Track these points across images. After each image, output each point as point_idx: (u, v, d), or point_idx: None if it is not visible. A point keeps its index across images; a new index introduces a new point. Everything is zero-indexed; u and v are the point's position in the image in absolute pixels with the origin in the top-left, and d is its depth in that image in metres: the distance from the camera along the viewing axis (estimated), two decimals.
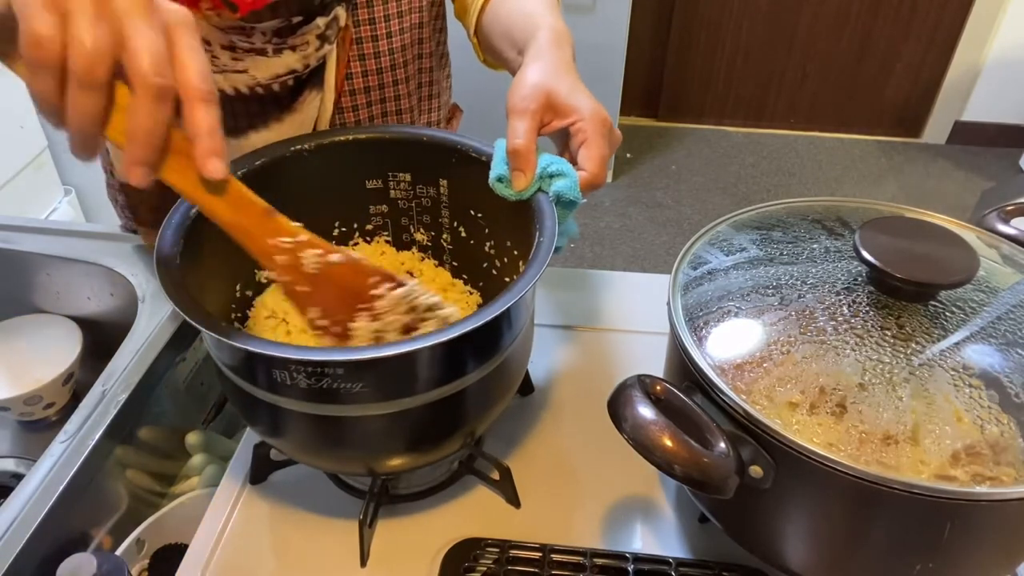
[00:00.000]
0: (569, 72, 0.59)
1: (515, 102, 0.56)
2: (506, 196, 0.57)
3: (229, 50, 0.65)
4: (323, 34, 0.67)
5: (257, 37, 0.64)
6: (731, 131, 3.06)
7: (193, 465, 0.71)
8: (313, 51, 0.67)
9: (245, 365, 0.50)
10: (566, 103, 0.56)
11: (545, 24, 0.63)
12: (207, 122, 0.40)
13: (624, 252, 2.44)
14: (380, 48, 0.73)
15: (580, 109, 0.56)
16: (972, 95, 2.85)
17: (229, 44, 0.64)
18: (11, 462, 0.79)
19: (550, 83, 0.57)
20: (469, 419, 0.54)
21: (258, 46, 0.65)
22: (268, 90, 0.68)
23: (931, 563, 0.44)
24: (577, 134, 0.56)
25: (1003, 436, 0.41)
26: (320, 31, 0.66)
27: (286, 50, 0.66)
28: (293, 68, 0.67)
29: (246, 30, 0.64)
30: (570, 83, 0.57)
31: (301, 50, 0.67)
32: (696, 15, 2.83)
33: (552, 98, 0.56)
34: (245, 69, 0.66)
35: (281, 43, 0.66)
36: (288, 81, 0.68)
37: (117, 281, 0.79)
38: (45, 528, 0.55)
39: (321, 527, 0.60)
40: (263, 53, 0.65)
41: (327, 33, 0.67)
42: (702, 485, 0.42)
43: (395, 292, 0.50)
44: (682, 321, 0.50)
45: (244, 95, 0.68)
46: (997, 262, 0.53)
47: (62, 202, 2.00)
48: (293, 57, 0.67)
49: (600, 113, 0.56)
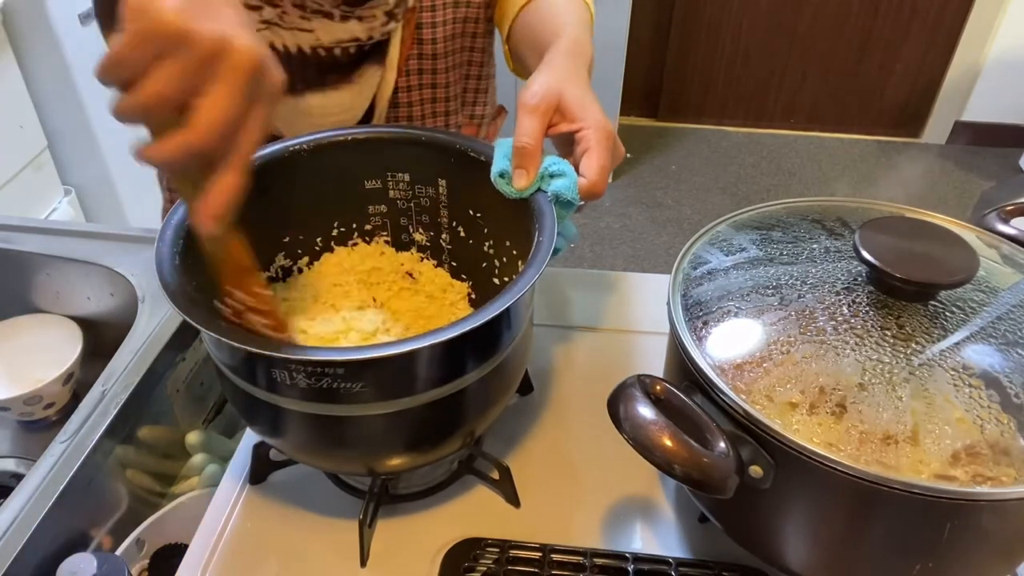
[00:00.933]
0: (581, 81, 0.59)
1: (526, 100, 0.57)
2: (506, 193, 0.57)
3: (299, 8, 0.67)
4: (391, 11, 0.69)
5: (328, 1, 0.67)
6: (731, 131, 3.06)
7: (193, 465, 0.71)
8: (379, 24, 0.70)
9: (245, 365, 0.50)
10: (575, 109, 0.57)
11: (568, 34, 0.64)
12: (230, 185, 0.42)
13: (624, 252, 2.44)
14: (436, 35, 0.75)
15: (588, 118, 0.57)
16: (972, 95, 2.85)
17: (300, 3, 0.67)
18: (11, 462, 0.79)
19: (562, 87, 0.57)
20: (469, 419, 0.54)
21: (327, 9, 0.67)
22: (330, 54, 0.70)
23: (931, 563, 0.44)
24: (581, 141, 0.57)
25: (1003, 436, 0.41)
26: (388, 7, 0.69)
27: (353, 19, 0.68)
28: (357, 36, 0.70)
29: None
30: (581, 92, 0.58)
31: (367, 21, 0.69)
32: (696, 15, 2.83)
33: (562, 102, 0.57)
34: (312, 29, 0.68)
35: (349, 11, 0.68)
36: (350, 49, 0.71)
37: (117, 281, 0.79)
38: (45, 528, 0.55)
39: (321, 527, 0.60)
40: (330, 17, 0.68)
41: (395, 11, 0.70)
42: (702, 485, 0.42)
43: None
44: (682, 321, 0.50)
45: (306, 55, 0.70)
46: (997, 262, 0.53)
47: (62, 202, 2.00)
48: (359, 26, 0.69)
49: (607, 126, 0.57)
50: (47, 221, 1.62)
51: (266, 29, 0.69)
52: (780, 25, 2.82)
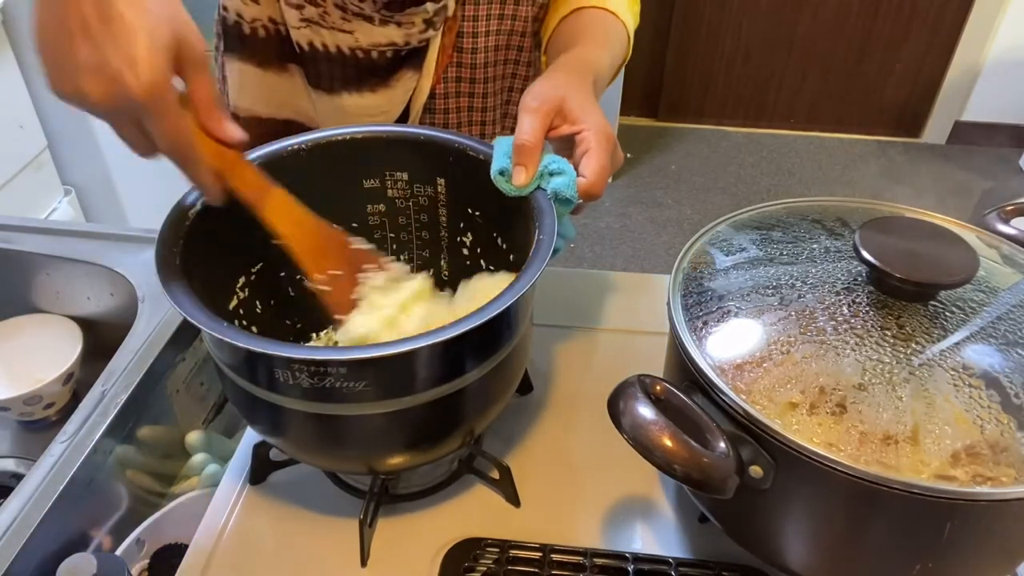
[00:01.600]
0: (584, 89, 0.60)
1: (528, 100, 0.57)
2: (505, 191, 0.57)
3: (340, 9, 0.68)
4: (430, 19, 0.70)
5: (368, 4, 0.68)
6: (731, 131, 3.05)
7: (193, 465, 0.71)
8: (417, 31, 0.70)
9: (246, 365, 0.50)
10: (577, 112, 0.57)
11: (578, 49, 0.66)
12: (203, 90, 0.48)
13: (624, 252, 2.44)
14: (477, 44, 0.75)
15: (588, 120, 0.57)
16: (972, 95, 2.85)
17: (341, 4, 0.68)
18: (11, 462, 0.79)
19: (566, 91, 0.58)
20: (469, 418, 0.54)
21: (367, 12, 0.68)
22: (367, 56, 0.71)
23: (931, 563, 0.44)
24: (581, 143, 0.57)
25: (1003, 436, 0.41)
26: (428, 16, 0.69)
27: (391, 24, 0.69)
28: (394, 41, 0.71)
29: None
30: (583, 96, 0.59)
31: (406, 27, 0.70)
32: (696, 15, 2.83)
33: (565, 105, 0.58)
34: (351, 31, 0.70)
35: (389, 16, 0.69)
36: (387, 53, 0.71)
37: (117, 281, 0.79)
38: (45, 528, 0.55)
39: (321, 527, 0.60)
40: (370, 20, 0.69)
41: (434, 19, 0.70)
42: (702, 485, 0.42)
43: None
44: (682, 321, 0.50)
45: (344, 55, 0.71)
46: (997, 262, 0.53)
47: (62, 202, 2.00)
48: (397, 32, 0.70)
49: (607, 129, 0.58)
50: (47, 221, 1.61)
51: (306, 27, 0.70)
52: (780, 25, 2.82)
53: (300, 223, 0.56)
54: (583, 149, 0.57)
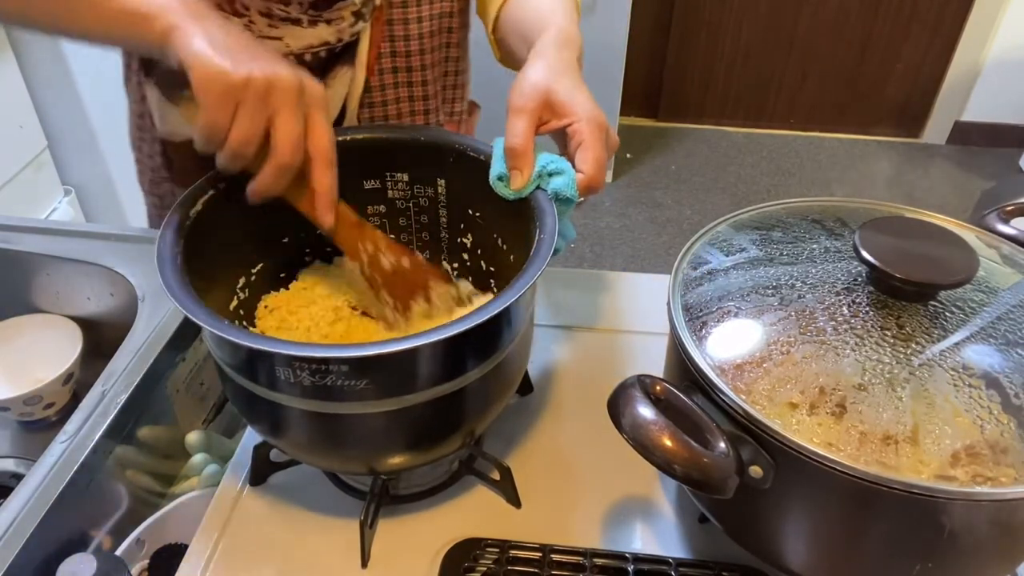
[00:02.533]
0: (570, 72, 0.59)
1: (514, 100, 0.57)
2: (505, 195, 0.57)
3: (266, 17, 0.67)
4: (359, 11, 0.69)
5: (294, 7, 0.66)
6: (731, 131, 3.05)
7: (193, 465, 0.71)
8: (347, 26, 0.69)
9: (247, 363, 0.50)
10: (564, 103, 0.56)
11: (554, 24, 0.63)
12: (327, 181, 0.54)
13: (624, 252, 2.44)
14: (410, 31, 0.74)
15: (577, 111, 0.56)
16: (972, 95, 2.84)
17: (267, 11, 0.66)
18: (11, 462, 0.79)
19: (550, 82, 0.57)
20: (469, 417, 0.54)
21: (294, 16, 0.67)
22: (300, 60, 0.69)
23: (931, 563, 0.44)
24: (574, 136, 0.56)
25: (1003, 436, 0.41)
26: (356, 8, 0.68)
27: (321, 23, 0.68)
28: (326, 40, 0.69)
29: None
30: (570, 84, 0.57)
31: (336, 24, 0.68)
32: (696, 15, 2.83)
33: (551, 97, 0.56)
34: (280, 37, 0.68)
35: (317, 15, 0.67)
36: (321, 53, 0.70)
37: (117, 281, 0.79)
38: (45, 528, 0.55)
39: (321, 527, 0.60)
40: (298, 23, 0.67)
41: (362, 10, 0.69)
42: (702, 485, 0.42)
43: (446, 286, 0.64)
44: (682, 321, 0.50)
45: None
46: (997, 262, 0.53)
47: (62, 202, 2.00)
48: (327, 30, 0.68)
49: (597, 116, 0.56)
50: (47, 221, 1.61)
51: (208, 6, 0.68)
52: (780, 25, 2.82)
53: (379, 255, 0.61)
54: (576, 142, 0.56)
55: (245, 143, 0.50)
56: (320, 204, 0.55)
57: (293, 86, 0.50)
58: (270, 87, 0.49)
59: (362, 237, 0.60)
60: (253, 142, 0.50)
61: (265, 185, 0.52)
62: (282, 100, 0.49)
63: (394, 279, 0.61)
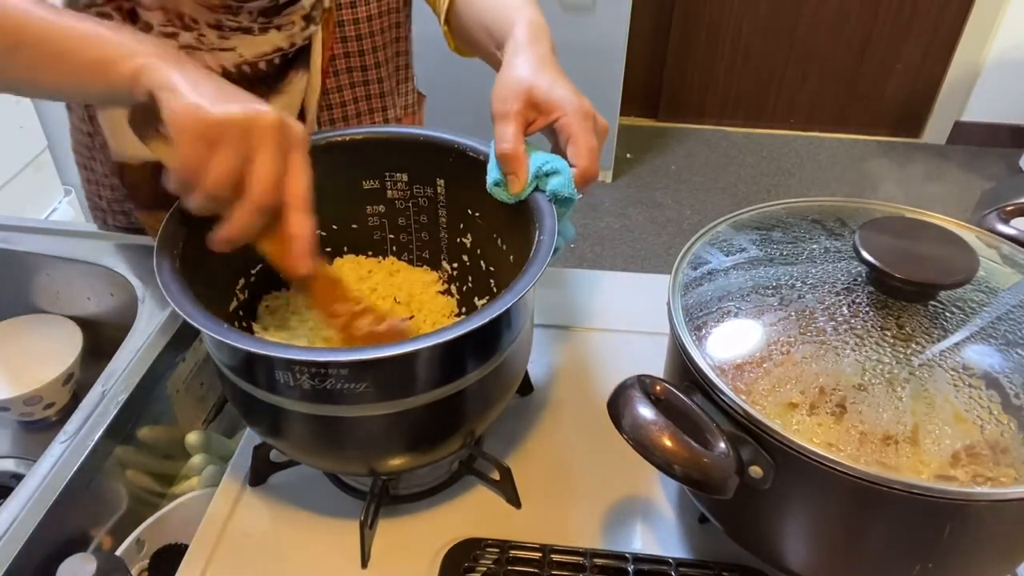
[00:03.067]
0: (548, 67, 0.58)
1: (497, 106, 0.56)
2: (504, 200, 0.57)
3: (216, 28, 0.65)
4: (308, 15, 0.68)
5: (244, 16, 0.65)
6: (731, 131, 3.05)
7: (193, 465, 0.71)
8: (299, 31, 0.68)
9: (246, 366, 0.50)
10: (547, 99, 0.56)
11: (521, 18, 0.63)
12: (301, 227, 0.50)
13: (624, 252, 2.44)
14: (361, 31, 0.74)
15: (562, 104, 0.56)
16: (972, 95, 2.84)
17: (216, 23, 0.65)
18: (11, 462, 0.79)
19: (530, 81, 0.57)
20: (469, 419, 0.54)
21: (244, 24, 0.66)
22: (255, 68, 0.68)
23: (931, 563, 0.44)
24: (562, 130, 0.56)
25: (1003, 436, 0.41)
26: (305, 12, 0.68)
27: (272, 29, 0.67)
28: (279, 46, 0.68)
29: (233, 9, 0.64)
30: (550, 78, 0.57)
31: (287, 29, 0.68)
32: (696, 15, 2.83)
33: (533, 96, 0.56)
34: (233, 47, 0.67)
35: (267, 23, 0.66)
36: (274, 60, 0.69)
37: (117, 281, 0.79)
38: (45, 528, 0.55)
39: (321, 528, 0.60)
40: (249, 32, 0.66)
41: (312, 14, 0.68)
42: (702, 485, 0.42)
43: None
44: (682, 321, 0.50)
45: (231, 74, 0.68)
46: (997, 262, 0.53)
47: (62, 202, 2.01)
48: (279, 36, 0.68)
49: (582, 105, 0.56)
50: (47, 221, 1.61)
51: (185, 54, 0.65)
52: (780, 25, 2.82)
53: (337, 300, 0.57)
54: (566, 136, 0.56)
55: (221, 184, 0.47)
56: (295, 250, 0.50)
57: (274, 124, 0.47)
58: (250, 124, 0.46)
59: (338, 297, 0.56)
60: (229, 183, 0.47)
61: (238, 229, 0.48)
62: (262, 138, 0.47)
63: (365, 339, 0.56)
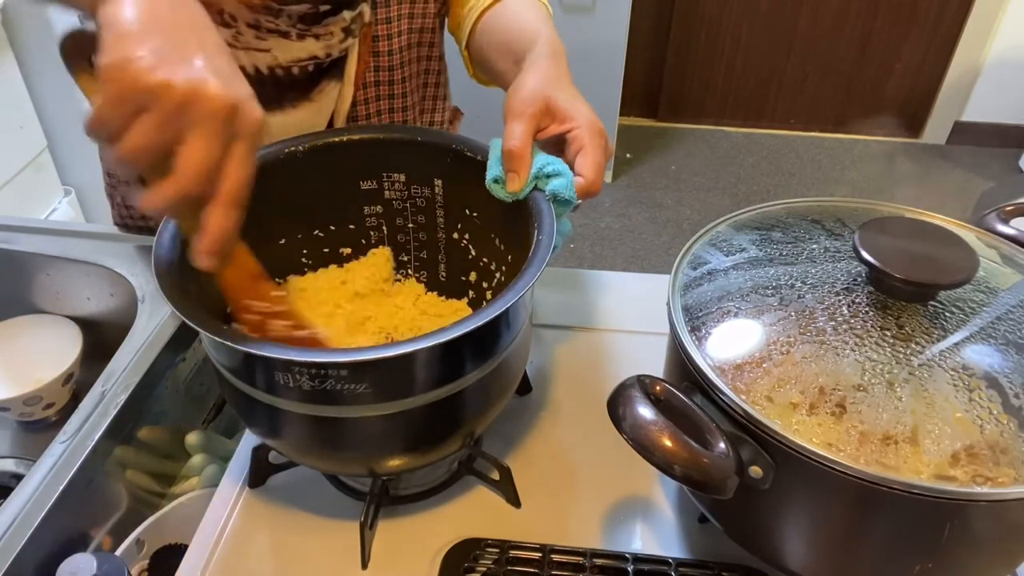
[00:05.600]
0: (566, 81, 0.60)
1: (513, 105, 0.57)
2: (502, 197, 0.57)
3: (254, 28, 0.66)
4: (348, 27, 0.69)
5: (283, 20, 0.66)
6: (731, 131, 3.05)
7: (193, 465, 0.71)
8: (336, 42, 0.69)
9: (245, 367, 0.50)
10: (564, 110, 0.57)
11: (543, 37, 0.64)
12: (219, 223, 0.44)
13: (624, 252, 2.44)
14: (392, 46, 0.74)
15: (578, 117, 0.57)
16: (972, 95, 2.84)
17: (255, 23, 0.65)
18: (11, 462, 0.79)
19: (549, 90, 0.58)
20: (468, 419, 0.54)
21: (283, 28, 0.66)
22: (287, 73, 0.69)
23: (931, 563, 0.44)
24: (574, 141, 0.57)
25: (1003, 436, 0.41)
26: (345, 24, 0.68)
27: (309, 37, 0.67)
28: (315, 55, 0.69)
29: (273, 11, 0.65)
30: (569, 93, 0.58)
31: (325, 39, 0.68)
32: (696, 15, 2.82)
33: (551, 104, 0.57)
34: (268, 49, 0.67)
35: (306, 29, 0.67)
36: (308, 67, 0.70)
37: (117, 281, 0.79)
38: (45, 528, 0.55)
39: (321, 529, 0.60)
40: (287, 36, 0.67)
41: (352, 27, 0.69)
42: (702, 485, 0.42)
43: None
44: (682, 321, 0.50)
45: (263, 75, 0.69)
46: (997, 262, 0.53)
47: (62, 202, 2.00)
48: (316, 45, 0.68)
49: (597, 123, 0.57)
50: (47, 221, 1.61)
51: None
52: (780, 25, 2.82)
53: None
54: (577, 147, 0.56)
55: (136, 156, 0.41)
56: (202, 244, 0.45)
57: (220, 107, 0.41)
58: (188, 101, 0.40)
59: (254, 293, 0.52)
60: (147, 156, 0.41)
61: (154, 204, 0.42)
62: (198, 121, 0.41)
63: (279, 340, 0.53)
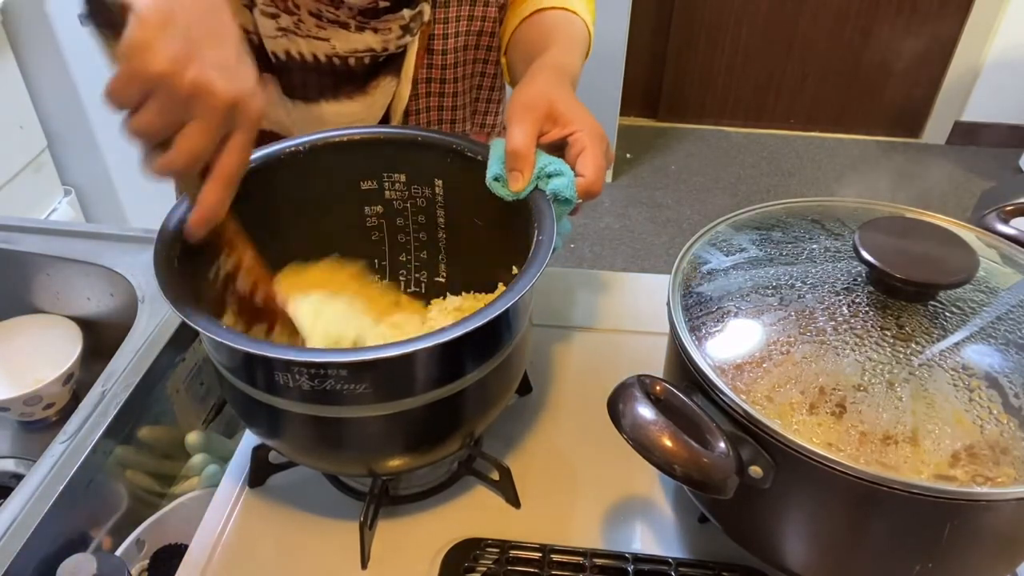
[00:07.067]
0: (569, 89, 0.60)
1: (518, 107, 0.57)
2: (502, 196, 0.57)
3: (315, 17, 0.68)
4: (407, 25, 0.70)
5: (343, 11, 0.67)
6: (731, 131, 3.05)
7: (193, 465, 0.71)
8: (394, 37, 0.70)
9: (244, 367, 0.50)
10: (567, 114, 0.58)
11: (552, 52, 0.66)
12: (213, 197, 0.48)
13: (624, 252, 2.44)
14: (447, 46, 0.75)
15: (579, 121, 0.57)
16: (972, 95, 2.84)
17: (316, 11, 0.67)
18: (11, 462, 0.79)
19: (552, 94, 0.58)
20: (468, 419, 0.54)
21: (342, 19, 0.68)
22: (345, 63, 0.71)
23: (931, 563, 0.44)
24: (575, 144, 0.57)
25: (1003, 436, 0.41)
26: (404, 22, 0.69)
27: (368, 30, 0.69)
28: (372, 47, 0.70)
29: (335, 2, 0.67)
30: (571, 99, 0.59)
31: (383, 33, 0.70)
32: (696, 16, 2.83)
33: (553, 108, 0.58)
34: (327, 38, 0.69)
35: (364, 22, 0.68)
36: (365, 59, 0.71)
37: (117, 281, 0.79)
38: (45, 528, 0.55)
39: (321, 529, 0.60)
40: (346, 27, 0.68)
41: (411, 25, 0.70)
42: (702, 485, 0.42)
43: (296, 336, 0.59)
44: (682, 321, 0.50)
45: (321, 63, 0.71)
46: (997, 262, 0.53)
47: (62, 202, 2.00)
48: (374, 38, 0.70)
49: (598, 128, 0.58)
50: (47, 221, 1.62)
51: (282, 36, 0.69)
52: (780, 25, 2.82)
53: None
54: (578, 149, 0.57)
55: (141, 132, 0.45)
56: (195, 215, 0.49)
57: (221, 103, 0.45)
58: (193, 95, 0.44)
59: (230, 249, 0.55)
60: (154, 134, 0.45)
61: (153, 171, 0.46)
62: (200, 113, 0.45)
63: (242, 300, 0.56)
